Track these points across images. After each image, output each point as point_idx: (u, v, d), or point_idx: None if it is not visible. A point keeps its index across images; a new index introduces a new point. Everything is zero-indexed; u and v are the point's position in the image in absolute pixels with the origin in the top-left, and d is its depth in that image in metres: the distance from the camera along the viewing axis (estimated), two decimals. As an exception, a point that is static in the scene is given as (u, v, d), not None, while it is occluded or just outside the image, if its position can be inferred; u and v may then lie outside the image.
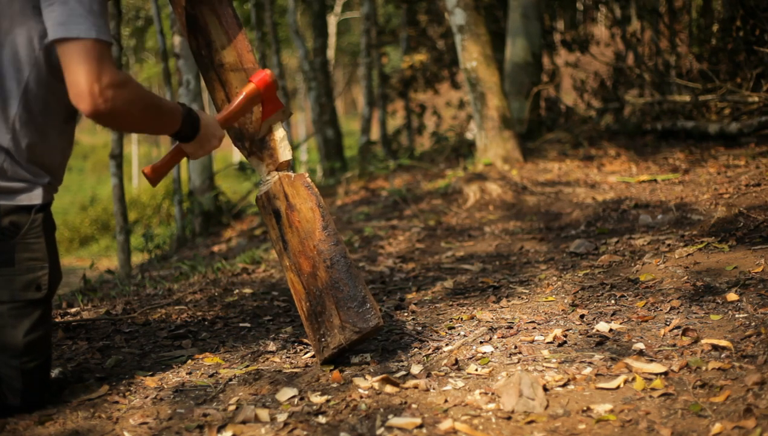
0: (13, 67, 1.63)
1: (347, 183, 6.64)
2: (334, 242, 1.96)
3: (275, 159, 2.05)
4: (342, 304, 1.92)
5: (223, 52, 2.01)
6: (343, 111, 26.81)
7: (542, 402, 1.61)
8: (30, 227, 1.68)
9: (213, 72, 2.03)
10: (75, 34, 1.53)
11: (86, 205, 21.34)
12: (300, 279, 1.97)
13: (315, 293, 1.95)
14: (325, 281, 1.94)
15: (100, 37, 1.55)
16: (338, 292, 1.92)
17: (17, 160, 1.66)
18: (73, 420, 1.68)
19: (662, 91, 6.73)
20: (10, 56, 1.63)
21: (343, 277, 1.93)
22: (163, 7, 11.09)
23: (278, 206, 2.02)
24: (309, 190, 2.01)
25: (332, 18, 16.70)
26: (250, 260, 3.83)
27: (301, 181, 2.02)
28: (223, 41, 2.01)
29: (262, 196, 2.05)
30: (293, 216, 1.99)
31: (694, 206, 3.72)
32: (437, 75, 10.54)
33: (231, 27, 2.01)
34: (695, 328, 1.99)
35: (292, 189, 2.02)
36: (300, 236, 1.98)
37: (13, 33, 1.62)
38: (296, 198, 2.01)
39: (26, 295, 1.68)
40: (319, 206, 1.99)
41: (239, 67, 2.01)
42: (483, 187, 4.87)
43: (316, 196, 2.00)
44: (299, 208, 2.00)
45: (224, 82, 2.02)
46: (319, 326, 1.94)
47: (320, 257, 1.95)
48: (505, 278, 2.90)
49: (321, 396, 1.74)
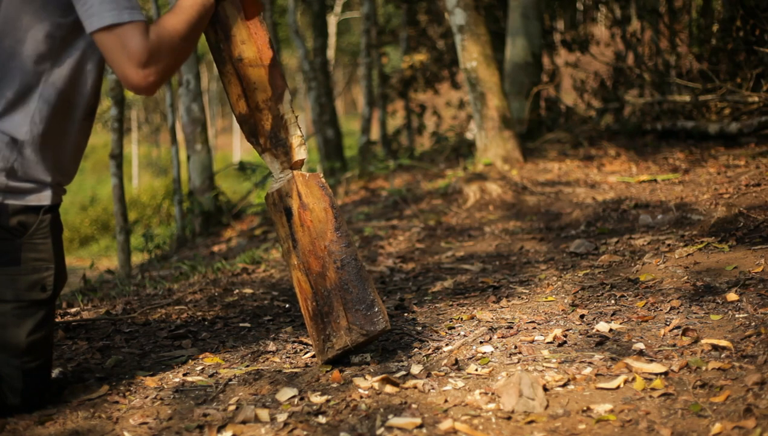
0: (33, 62, 1.64)
1: (347, 183, 6.64)
2: (346, 243, 1.96)
3: (290, 157, 2.02)
4: (350, 306, 1.91)
5: (242, 47, 1.98)
6: (343, 111, 26.81)
7: (542, 402, 1.61)
8: (38, 227, 1.68)
9: (231, 66, 1.99)
10: (107, 21, 1.56)
11: (86, 205, 21.36)
12: (308, 278, 1.97)
13: (323, 293, 1.95)
14: (334, 281, 1.94)
15: (133, 19, 1.57)
16: (347, 293, 1.92)
17: (31, 157, 1.66)
18: (73, 420, 1.68)
19: (662, 91, 6.74)
20: (31, 51, 1.64)
21: (353, 279, 1.93)
22: (163, 7, 11.09)
23: (290, 204, 2.00)
24: (323, 191, 2.00)
25: (332, 18, 16.71)
26: (250, 260, 3.83)
27: (316, 181, 2.01)
28: (243, 36, 1.98)
29: (274, 193, 2.02)
30: (305, 215, 1.99)
31: (694, 206, 3.72)
32: (437, 75, 10.54)
33: (252, 21, 1.99)
34: (695, 328, 1.99)
35: (306, 188, 2.00)
36: (311, 236, 1.98)
37: (34, 28, 1.63)
38: (309, 197, 1.99)
39: (31, 295, 1.68)
40: (332, 207, 1.98)
41: (259, 63, 1.99)
42: (483, 187, 4.87)
43: (330, 197, 1.99)
44: (312, 208, 1.99)
45: (242, 77, 1.99)
46: (324, 327, 1.94)
47: (331, 258, 1.95)
48: (505, 278, 2.90)
49: (321, 396, 1.74)
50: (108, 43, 1.58)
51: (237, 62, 1.99)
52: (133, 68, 1.58)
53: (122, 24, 1.57)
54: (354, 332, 1.89)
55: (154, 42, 1.60)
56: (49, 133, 1.68)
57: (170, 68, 1.64)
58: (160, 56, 1.61)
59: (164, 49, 1.62)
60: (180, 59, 1.68)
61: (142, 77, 1.59)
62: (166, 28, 1.65)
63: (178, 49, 1.66)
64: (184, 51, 1.69)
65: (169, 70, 1.64)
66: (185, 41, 1.69)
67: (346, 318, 1.91)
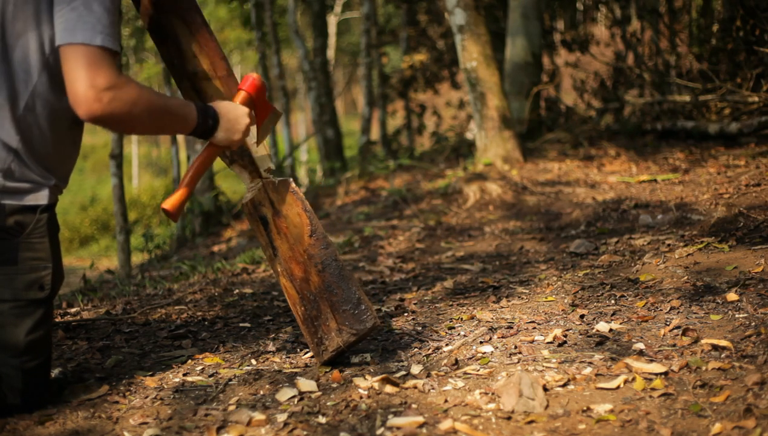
0: (23, 70, 1.63)
1: (347, 183, 6.64)
2: (324, 245, 1.95)
3: (257, 166, 2.01)
4: (337, 307, 1.91)
5: (195, 61, 1.95)
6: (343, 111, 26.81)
7: (542, 402, 1.61)
8: (35, 226, 1.68)
9: (187, 80, 1.98)
10: (79, 39, 1.53)
11: (86, 205, 21.35)
12: (293, 284, 1.96)
13: (309, 298, 1.94)
14: (318, 285, 1.93)
15: (105, 45, 1.54)
16: (332, 295, 1.92)
17: (24, 160, 1.66)
18: (73, 420, 1.68)
19: (662, 91, 6.73)
20: (21, 58, 1.63)
21: (335, 280, 1.93)
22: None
23: (265, 213, 1.99)
24: (294, 196, 1.98)
25: (332, 18, 16.70)
26: (250, 260, 3.83)
27: (286, 187, 1.99)
28: (194, 49, 1.95)
29: (248, 203, 2.01)
30: (281, 222, 1.97)
31: (694, 206, 3.72)
32: (437, 75, 10.53)
33: (201, 34, 1.95)
34: (695, 328, 1.99)
35: (277, 195, 1.98)
36: (289, 242, 1.96)
37: (26, 36, 1.62)
38: (282, 204, 1.98)
39: (29, 294, 1.68)
40: (305, 211, 1.96)
41: (213, 75, 1.96)
42: (483, 187, 4.87)
43: (302, 201, 1.97)
44: (286, 214, 1.97)
45: (199, 91, 1.97)
46: (316, 330, 1.93)
47: (311, 262, 1.94)
48: (505, 278, 2.90)
49: (321, 396, 1.74)
50: (72, 57, 1.53)
51: (192, 76, 1.97)
52: (86, 86, 1.52)
53: (93, 45, 1.54)
54: (344, 332, 1.89)
55: (123, 81, 1.56)
56: (37, 140, 1.67)
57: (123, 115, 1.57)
58: (124, 95, 1.55)
59: (127, 96, 1.56)
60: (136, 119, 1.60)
61: (92, 98, 1.52)
62: (142, 88, 1.61)
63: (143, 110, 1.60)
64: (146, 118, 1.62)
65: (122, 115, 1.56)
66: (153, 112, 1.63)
67: (335, 320, 1.90)
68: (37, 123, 1.67)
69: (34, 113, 1.66)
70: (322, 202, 6.29)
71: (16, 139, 1.65)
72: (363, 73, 11.86)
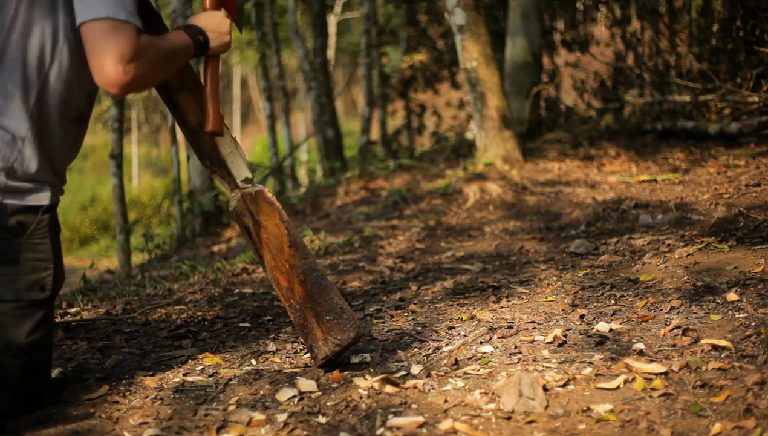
0: (36, 58, 1.64)
1: (347, 183, 6.64)
2: (304, 255, 1.94)
3: (233, 177, 2.00)
4: (321, 317, 1.91)
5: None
6: (343, 111, 26.80)
7: (542, 402, 1.61)
8: (36, 227, 1.68)
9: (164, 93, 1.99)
10: (103, 14, 1.54)
11: (86, 205, 21.37)
12: (281, 293, 1.97)
13: (296, 307, 1.94)
14: (301, 295, 1.93)
15: (128, 20, 1.55)
16: (316, 305, 1.91)
17: (29, 157, 1.66)
18: (73, 420, 1.68)
19: (662, 91, 6.74)
20: (35, 46, 1.63)
21: (317, 290, 1.92)
22: (163, 7, 11.09)
23: (247, 223, 1.99)
24: (271, 206, 1.96)
25: (332, 18, 16.70)
26: (250, 260, 3.83)
27: (262, 198, 1.97)
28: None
29: (233, 212, 2.02)
30: (261, 232, 1.97)
31: (694, 206, 3.72)
32: (437, 75, 10.53)
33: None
34: (695, 328, 1.99)
35: (255, 206, 1.98)
36: (271, 252, 1.96)
37: (41, 23, 1.63)
38: (261, 215, 1.97)
39: (30, 295, 1.68)
40: (283, 221, 1.95)
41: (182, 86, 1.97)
42: (483, 187, 4.87)
43: (278, 212, 1.96)
44: (265, 225, 1.96)
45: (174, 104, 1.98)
46: (306, 337, 1.94)
47: (293, 272, 1.93)
48: (505, 278, 2.90)
49: (321, 396, 1.74)
50: (97, 32, 1.54)
51: (165, 89, 1.97)
52: (115, 61, 1.54)
53: (118, 19, 1.55)
54: (329, 342, 1.89)
55: (144, 44, 1.59)
56: (45, 132, 1.68)
57: (146, 77, 1.61)
58: (145, 59, 1.58)
59: (150, 55, 1.60)
60: (156, 74, 1.66)
61: (122, 72, 1.54)
62: (155, 41, 1.64)
63: (160, 63, 1.65)
64: (163, 68, 1.68)
65: (145, 77, 1.61)
66: (167, 60, 1.69)
67: (320, 329, 1.90)
68: (46, 114, 1.67)
69: (45, 102, 1.67)
70: (322, 202, 6.29)
71: (26, 128, 1.65)
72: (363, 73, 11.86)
